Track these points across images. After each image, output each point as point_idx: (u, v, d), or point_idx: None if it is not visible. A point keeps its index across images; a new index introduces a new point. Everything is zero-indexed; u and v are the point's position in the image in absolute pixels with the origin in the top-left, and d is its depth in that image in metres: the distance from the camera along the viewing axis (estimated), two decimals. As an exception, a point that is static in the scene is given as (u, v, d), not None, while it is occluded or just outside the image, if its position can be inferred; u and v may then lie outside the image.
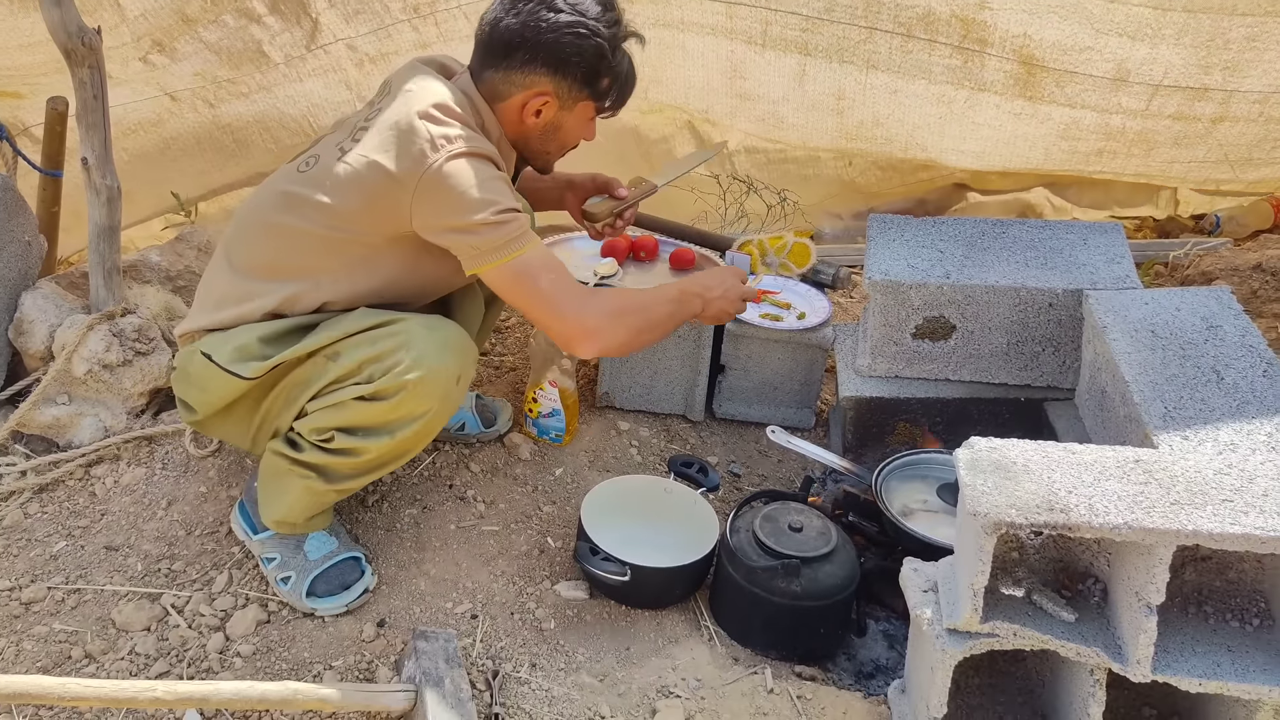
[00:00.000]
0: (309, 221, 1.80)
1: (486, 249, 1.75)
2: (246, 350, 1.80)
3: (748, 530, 1.93)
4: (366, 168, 1.75)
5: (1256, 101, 3.00)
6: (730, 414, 2.55)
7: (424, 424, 1.78)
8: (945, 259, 2.25)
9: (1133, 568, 1.46)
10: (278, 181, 1.90)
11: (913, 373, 2.31)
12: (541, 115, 1.91)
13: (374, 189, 1.75)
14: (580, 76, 1.88)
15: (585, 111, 1.96)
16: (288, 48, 3.04)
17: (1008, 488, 1.47)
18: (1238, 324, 1.96)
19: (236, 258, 1.90)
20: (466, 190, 1.72)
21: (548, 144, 1.99)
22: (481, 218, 1.73)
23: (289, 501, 1.87)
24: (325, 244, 1.81)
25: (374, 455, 1.80)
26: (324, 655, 1.82)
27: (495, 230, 1.74)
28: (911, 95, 3.16)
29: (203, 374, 1.84)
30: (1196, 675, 1.46)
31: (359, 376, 1.75)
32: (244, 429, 1.92)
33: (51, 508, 2.14)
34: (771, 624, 1.89)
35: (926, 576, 1.67)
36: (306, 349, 1.78)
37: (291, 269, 1.84)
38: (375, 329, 1.77)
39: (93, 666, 1.79)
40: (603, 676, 1.82)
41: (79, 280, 2.48)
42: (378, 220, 1.79)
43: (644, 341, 1.93)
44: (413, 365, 1.71)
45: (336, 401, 1.76)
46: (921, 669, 1.64)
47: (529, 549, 2.08)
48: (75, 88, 2.22)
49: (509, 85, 1.88)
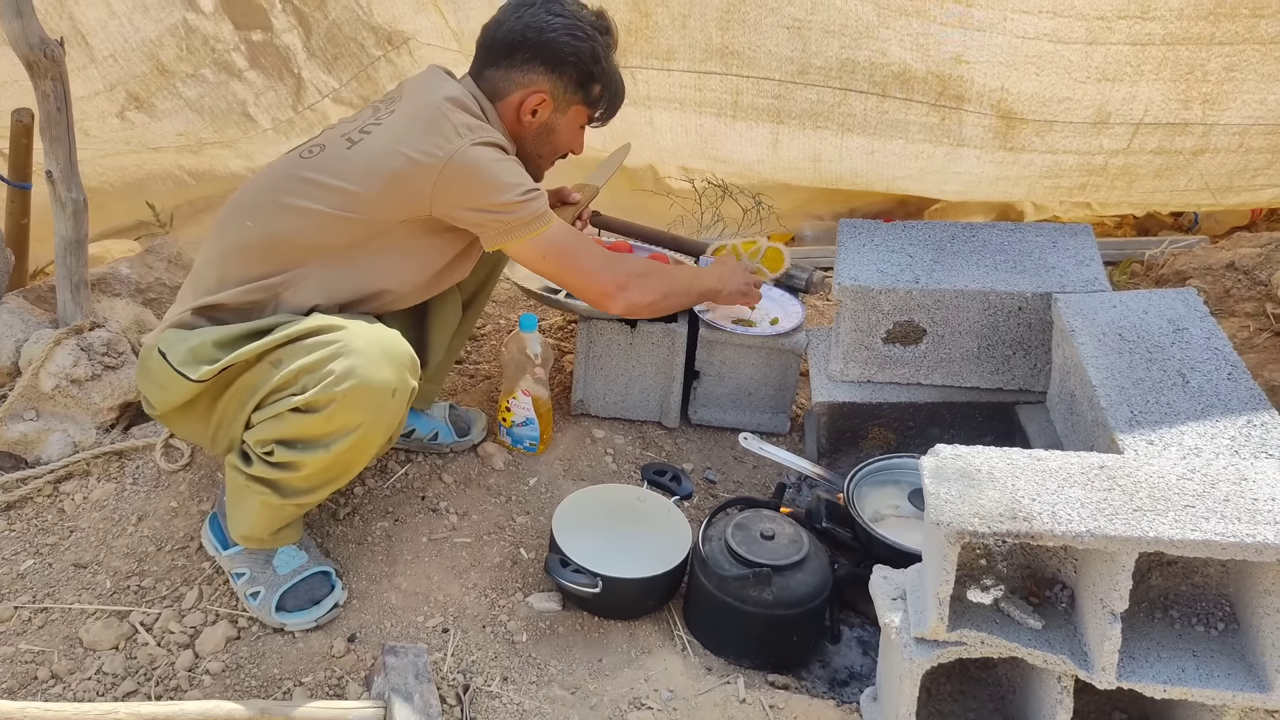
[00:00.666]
0: (317, 202, 1.83)
1: (515, 225, 1.87)
2: (199, 353, 1.78)
3: (720, 539, 1.93)
4: (387, 154, 1.81)
5: (1236, 133, 3.02)
6: (705, 420, 2.55)
7: (358, 437, 1.74)
8: (915, 263, 2.25)
9: (1097, 575, 1.47)
10: (280, 167, 1.93)
11: (885, 377, 2.31)
12: (538, 115, 2.01)
13: (396, 174, 1.81)
14: (575, 78, 1.99)
15: (578, 116, 2.06)
16: (274, 109, 3.03)
17: (971, 496, 1.47)
18: (1204, 326, 1.97)
19: (230, 239, 1.87)
20: (493, 173, 1.84)
21: (540, 147, 2.06)
22: (509, 198, 1.85)
23: (251, 517, 1.86)
24: (332, 223, 1.84)
25: (312, 469, 1.77)
26: (294, 671, 1.81)
27: (523, 208, 1.86)
28: (889, 154, 3.17)
29: (158, 372, 1.82)
30: (1161, 681, 1.46)
31: (294, 387, 1.73)
32: (203, 428, 1.89)
33: (19, 525, 2.12)
34: (744, 633, 1.88)
35: (895, 584, 1.67)
36: (254, 351, 1.77)
37: (286, 248, 1.84)
38: (314, 336, 1.74)
39: (59, 687, 1.78)
40: (575, 689, 1.81)
41: (47, 294, 2.46)
42: (394, 204, 1.84)
43: (669, 305, 2.15)
44: (343, 376, 1.69)
45: (275, 413, 1.74)
46: (891, 677, 1.64)
47: (502, 561, 2.07)
48: (38, 100, 2.20)
49: (508, 84, 1.98)
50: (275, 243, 1.84)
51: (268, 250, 1.84)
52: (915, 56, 2.90)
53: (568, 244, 1.96)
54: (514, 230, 1.88)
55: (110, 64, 2.81)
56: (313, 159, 1.87)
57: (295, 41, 2.95)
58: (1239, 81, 2.87)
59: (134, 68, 2.84)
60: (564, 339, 2.85)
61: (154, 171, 3.24)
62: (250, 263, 1.85)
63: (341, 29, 2.96)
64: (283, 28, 2.92)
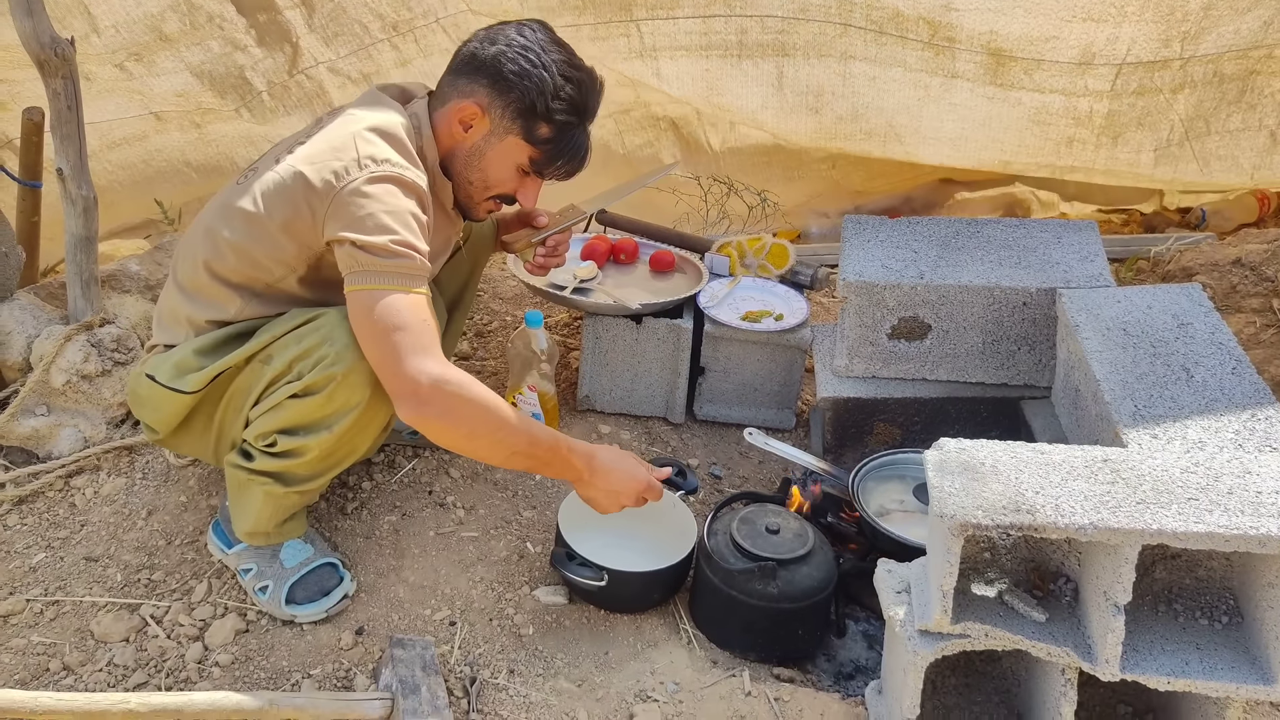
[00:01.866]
0: (238, 234, 1.78)
1: (366, 269, 1.67)
2: (184, 365, 1.81)
3: (725, 533, 1.94)
4: (292, 177, 1.73)
5: (1210, 62, 3.12)
6: (711, 416, 2.56)
7: (360, 414, 1.76)
8: (919, 259, 2.26)
9: (1101, 567, 1.47)
10: (220, 195, 1.90)
11: (890, 373, 2.31)
12: (470, 131, 1.88)
13: (295, 200, 1.73)
14: (516, 102, 1.84)
15: (514, 151, 1.89)
16: (269, 73, 3.05)
17: (975, 489, 1.47)
18: (1208, 321, 1.97)
19: (179, 272, 1.90)
20: (375, 211, 1.68)
21: (470, 171, 1.92)
22: (377, 240, 1.66)
23: (255, 511, 1.88)
24: (252, 259, 1.79)
25: (317, 453, 1.79)
26: (302, 663, 1.82)
27: (385, 257, 1.67)
28: (889, 80, 3.21)
29: (151, 395, 1.86)
30: (1165, 674, 1.46)
31: (289, 375, 1.75)
32: (204, 442, 1.92)
33: (31, 519, 2.14)
34: (749, 626, 1.89)
35: (900, 577, 1.68)
36: (242, 356, 1.79)
37: (226, 282, 1.83)
38: (301, 326, 1.76)
39: (71, 678, 1.79)
40: (581, 682, 1.82)
41: (58, 291, 2.48)
42: (293, 235, 1.75)
43: (474, 446, 1.74)
44: (338, 357, 1.70)
45: (274, 404, 1.77)
46: (896, 670, 1.65)
47: (508, 554, 2.08)
48: (49, 99, 2.22)
49: (452, 90, 1.88)
50: (216, 275, 1.83)
51: (211, 283, 1.84)
52: (906, 3, 2.99)
53: (400, 319, 1.65)
54: (364, 275, 1.67)
55: (112, 34, 2.84)
56: (244, 183, 1.83)
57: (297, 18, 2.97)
58: (1216, 18, 2.99)
59: (137, 36, 2.87)
60: (570, 335, 2.87)
61: (160, 169, 3.27)
62: (194, 292, 1.86)
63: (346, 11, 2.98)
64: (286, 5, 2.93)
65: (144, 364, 1.89)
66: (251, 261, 1.80)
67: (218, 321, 1.85)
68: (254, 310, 1.84)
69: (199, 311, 1.85)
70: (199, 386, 1.80)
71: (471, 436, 1.72)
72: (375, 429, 1.83)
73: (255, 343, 1.79)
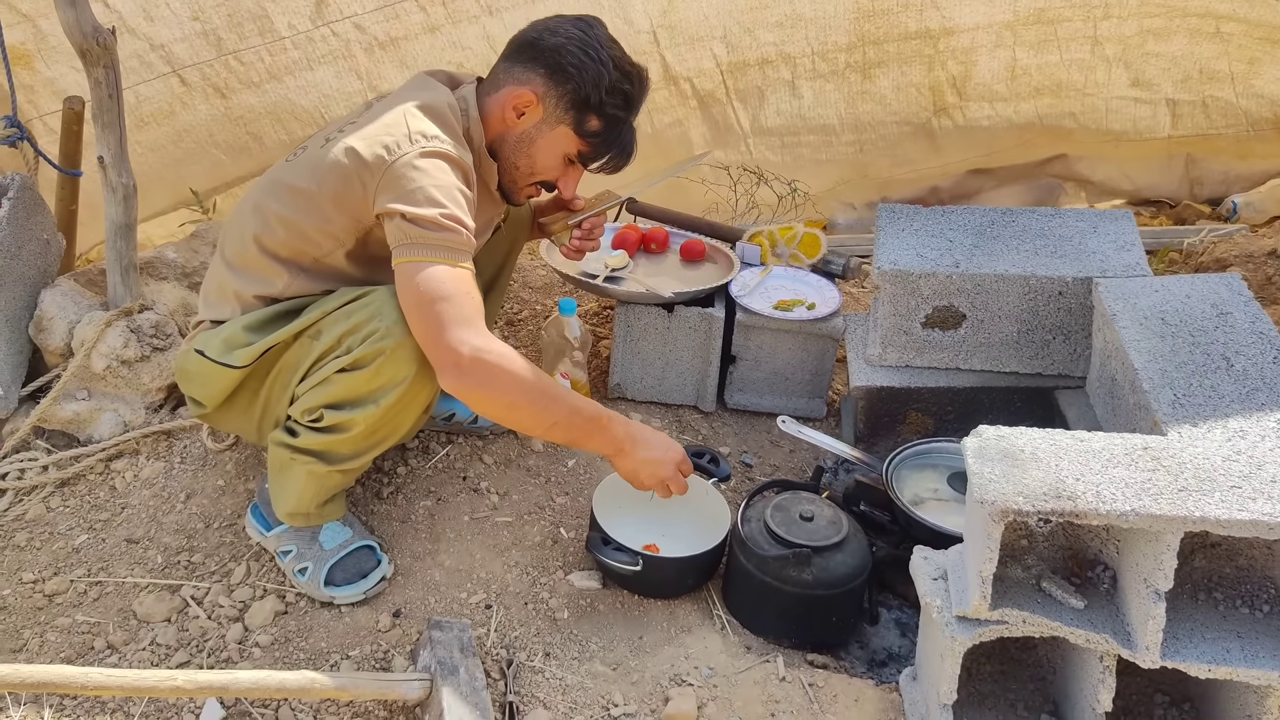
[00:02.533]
0: (287, 208, 1.84)
1: (414, 241, 1.71)
2: (233, 340, 1.85)
3: (759, 520, 1.95)
4: (344, 153, 1.77)
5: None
6: (742, 404, 2.56)
7: (406, 389, 1.78)
8: (954, 248, 2.25)
9: (1141, 555, 1.47)
10: (269, 172, 1.95)
11: (923, 362, 2.31)
12: (523, 118, 1.92)
13: (347, 174, 1.77)
14: (571, 94, 1.89)
15: (563, 141, 1.94)
16: (292, 14, 3.03)
17: (1015, 475, 1.47)
18: (1248, 311, 1.96)
19: (227, 249, 1.94)
20: (424, 185, 1.72)
21: (518, 156, 1.96)
22: (426, 213, 1.70)
23: (297, 491, 1.90)
24: (302, 233, 1.84)
25: (363, 427, 1.81)
26: (341, 645, 1.84)
27: (433, 230, 1.70)
28: None
29: (200, 370, 1.89)
30: (1205, 661, 1.46)
31: (338, 350, 1.78)
32: (249, 419, 1.96)
33: (73, 501, 2.17)
34: (783, 613, 1.90)
35: (936, 565, 1.68)
36: (291, 331, 1.82)
37: (275, 257, 1.87)
38: (351, 303, 1.80)
39: (115, 657, 1.82)
40: (616, 665, 1.84)
41: (97, 277, 2.51)
42: (344, 208, 1.80)
43: (515, 417, 1.79)
44: (387, 332, 1.73)
45: (321, 379, 1.79)
46: (932, 656, 1.65)
47: (542, 540, 2.10)
48: (90, 87, 2.24)
49: (507, 77, 1.93)
50: (265, 250, 1.87)
51: (260, 258, 1.87)
52: None
53: (444, 291, 1.69)
54: (412, 246, 1.71)
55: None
56: (294, 161, 1.89)
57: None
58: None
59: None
60: (601, 324, 2.88)
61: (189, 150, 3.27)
62: (244, 269, 1.89)
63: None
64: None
65: (192, 340, 1.93)
66: (300, 235, 1.84)
67: (265, 297, 1.88)
68: (301, 285, 1.87)
69: (247, 286, 1.88)
70: (248, 361, 1.84)
71: (512, 407, 1.75)
72: (419, 406, 1.85)
73: (305, 319, 1.82)
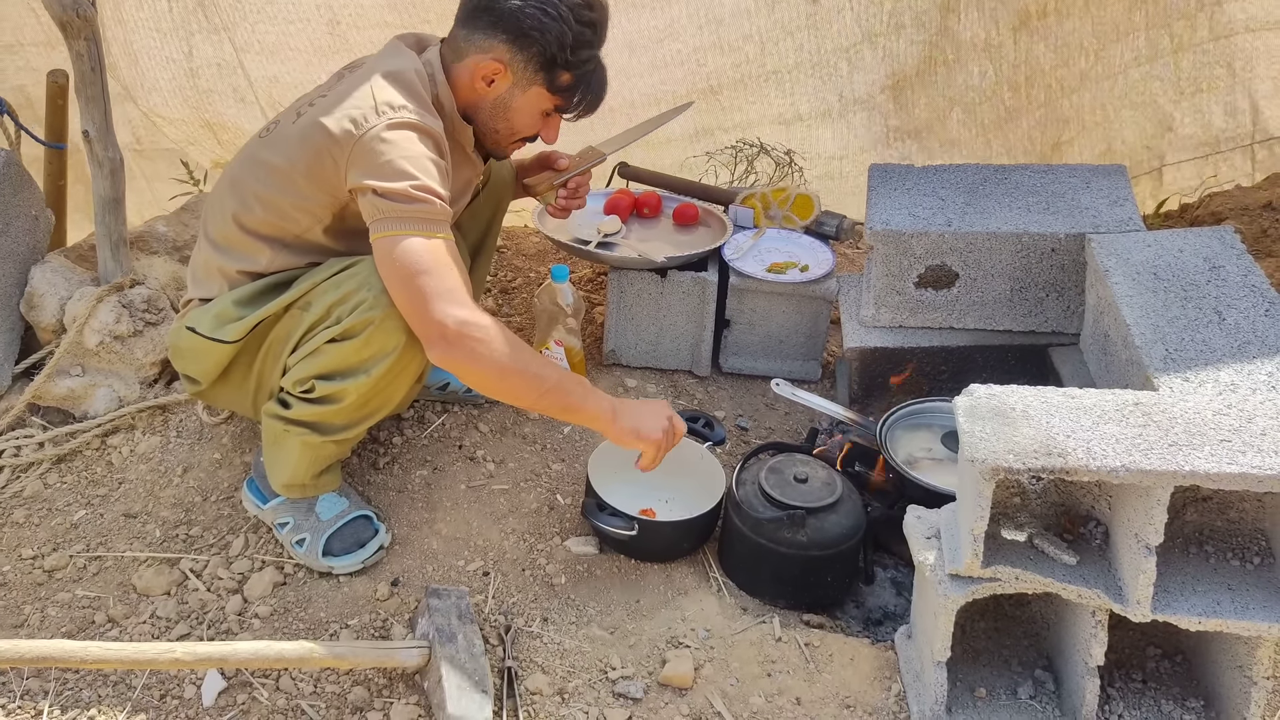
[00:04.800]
0: (264, 185, 1.83)
1: (387, 216, 1.70)
2: (224, 315, 1.86)
3: (754, 482, 1.95)
4: (313, 128, 1.76)
5: None
6: (736, 368, 2.56)
7: (396, 359, 1.78)
8: (947, 207, 2.24)
9: (1132, 510, 1.47)
10: (245, 148, 1.94)
11: (917, 322, 2.30)
12: (493, 86, 1.90)
13: (318, 150, 1.76)
14: (538, 57, 1.86)
15: (539, 100, 1.92)
16: None
17: (1006, 433, 1.47)
18: (1240, 264, 1.95)
19: (210, 227, 1.94)
20: (394, 158, 1.70)
21: (496, 120, 1.95)
22: (397, 186, 1.69)
23: (292, 462, 1.91)
24: (280, 211, 1.83)
25: (355, 397, 1.82)
26: (339, 614, 1.86)
27: (406, 203, 1.69)
28: None
29: (193, 347, 1.90)
30: (1196, 614, 1.47)
31: (328, 320, 1.78)
32: (243, 394, 1.96)
33: (70, 477, 2.18)
34: (778, 574, 1.91)
35: (929, 524, 1.69)
36: (281, 304, 1.83)
37: (257, 234, 1.87)
38: (339, 273, 1.80)
39: (115, 630, 1.84)
40: (613, 629, 1.85)
41: (88, 253, 2.50)
42: (318, 184, 1.79)
43: (506, 388, 1.76)
44: (375, 301, 1.74)
45: (312, 350, 1.80)
46: (926, 614, 1.67)
47: (539, 506, 2.11)
48: (73, 60, 2.22)
49: (470, 45, 1.89)
50: (246, 228, 1.87)
51: (242, 236, 1.87)
52: None
53: (423, 264, 1.68)
54: (387, 221, 1.70)
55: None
56: (268, 137, 1.88)
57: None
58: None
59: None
60: (595, 290, 2.87)
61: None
62: (227, 246, 1.89)
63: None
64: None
65: (183, 318, 1.93)
66: (279, 213, 1.84)
67: (250, 273, 1.88)
68: (284, 261, 1.87)
69: (231, 263, 1.88)
70: (239, 336, 1.84)
71: (502, 377, 1.73)
72: (410, 376, 1.86)
73: (294, 291, 1.82)
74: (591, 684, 1.73)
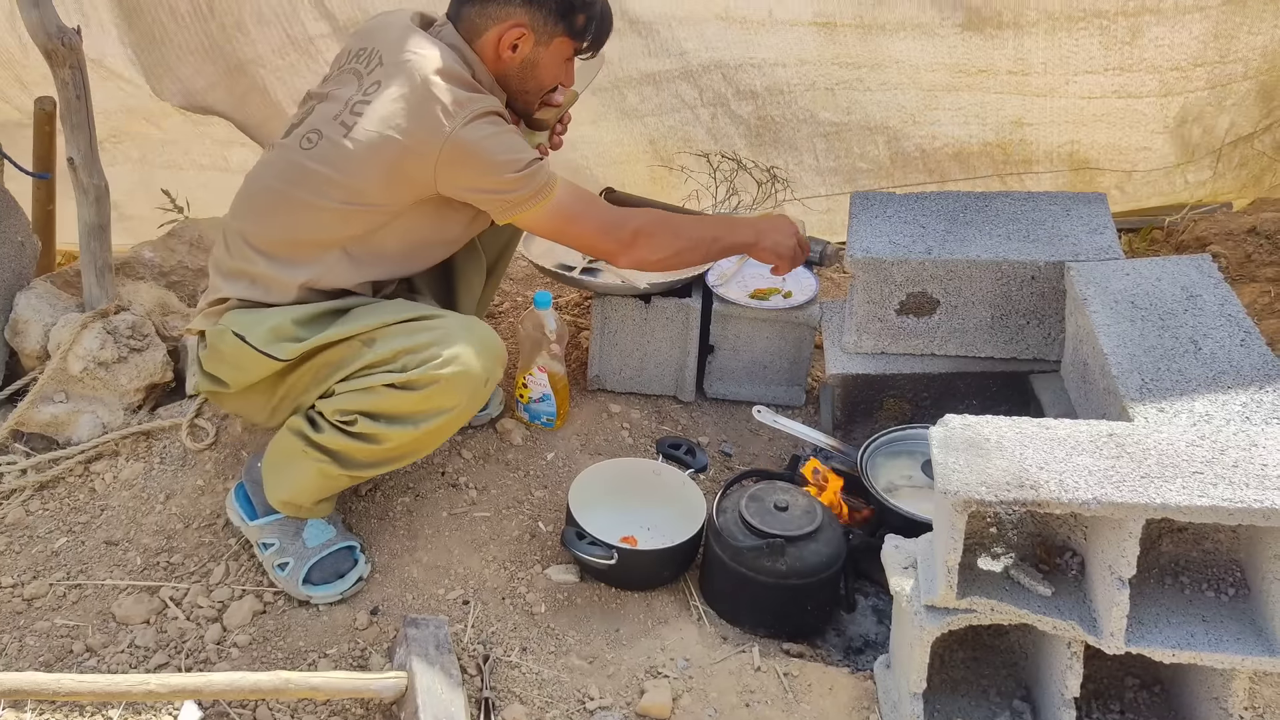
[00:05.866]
0: (324, 197, 1.85)
1: (519, 201, 1.86)
2: (281, 331, 1.84)
3: (734, 510, 1.95)
4: (382, 142, 1.79)
5: None
6: (721, 394, 2.57)
7: (448, 419, 1.83)
8: (927, 234, 2.25)
9: (1106, 541, 1.48)
10: (285, 154, 1.92)
11: (899, 348, 2.31)
12: (518, 50, 1.95)
13: (392, 162, 1.80)
14: (555, 8, 1.92)
15: (562, 49, 1.99)
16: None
17: (979, 465, 1.48)
18: (1217, 293, 1.96)
19: (253, 232, 1.92)
20: (490, 152, 1.81)
21: (526, 82, 2.00)
22: (509, 176, 1.83)
23: (300, 483, 1.90)
24: (343, 217, 1.86)
25: (394, 444, 1.83)
26: (318, 643, 1.85)
27: (525, 183, 1.84)
28: None
29: (236, 354, 1.88)
30: (1170, 646, 1.47)
31: (393, 365, 1.79)
32: (264, 403, 1.95)
33: (53, 504, 2.18)
34: (758, 603, 1.91)
35: (907, 553, 1.69)
36: (343, 334, 1.83)
37: (312, 243, 1.88)
38: (413, 321, 1.82)
39: (94, 660, 1.83)
40: (592, 658, 1.85)
41: (73, 279, 2.51)
42: (398, 190, 1.85)
43: (684, 260, 2.06)
44: (449, 361, 1.77)
45: (367, 385, 1.80)
46: (903, 645, 1.67)
47: (520, 534, 2.11)
48: (58, 88, 2.23)
49: (485, 19, 1.92)
50: (299, 240, 1.88)
51: (294, 246, 1.89)
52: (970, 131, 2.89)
53: (572, 209, 1.92)
54: (519, 205, 1.87)
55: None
56: (313, 149, 1.86)
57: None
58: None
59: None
60: (579, 315, 2.88)
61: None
62: (282, 256, 1.89)
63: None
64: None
65: (226, 320, 1.90)
66: (344, 220, 1.86)
67: (308, 286, 1.88)
68: (342, 271, 1.89)
69: (283, 272, 1.88)
70: (294, 356, 1.84)
71: (679, 254, 2.03)
72: (450, 433, 1.92)
73: (359, 324, 1.83)
74: (569, 714, 1.73)
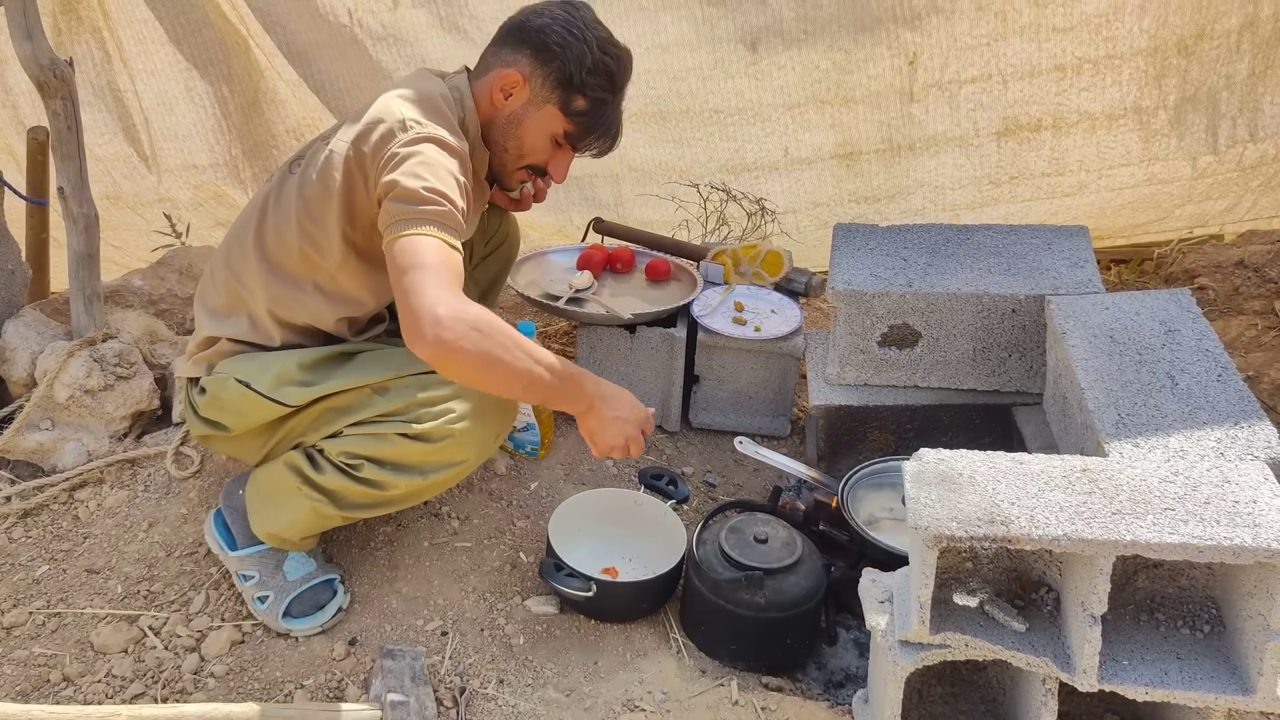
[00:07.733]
0: (289, 221, 1.86)
1: (398, 218, 1.68)
2: (286, 377, 1.85)
3: (714, 542, 1.95)
4: (341, 149, 1.81)
5: None
6: (706, 424, 2.57)
7: (455, 472, 1.84)
8: (909, 267, 2.26)
9: (1079, 578, 1.48)
10: (272, 183, 1.96)
11: (881, 380, 2.32)
12: (511, 100, 1.94)
13: (347, 168, 1.80)
14: (557, 72, 1.91)
15: (551, 121, 1.95)
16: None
17: (951, 500, 1.48)
18: (1195, 328, 1.96)
19: (234, 263, 1.94)
20: (417, 167, 1.72)
21: (506, 139, 1.98)
22: (410, 185, 1.69)
23: (291, 519, 1.90)
24: (314, 245, 1.86)
25: (398, 492, 1.83)
26: (295, 674, 1.85)
27: (415, 204, 1.68)
28: None
29: (239, 400, 1.88)
30: (1143, 684, 1.46)
31: (407, 415, 1.79)
32: (260, 444, 1.95)
33: (36, 532, 2.18)
34: (738, 635, 1.90)
35: (884, 587, 1.68)
36: (355, 383, 1.83)
37: (277, 273, 1.89)
38: (428, 374, 1.81)
39: (70, 689, 1.83)
40: (569, 691, 1.84)
41: (63, 307, 2.52)
42: (347, 204, 1.82)
43: (494, 378, 1.67)
44: (463, 416, 1.78)
45: (378, 433, 1.80)
46: (879, 679, 1.66)
47: (501, 565, 2.10)
48: (49, 119, 2.26)
49: (495, 60, 1.96)
50: (273, 270, 1.89)
51: (264, 274, 1.89)
52: None
53: (420, 260, 1.65)
54: (396, 224, 1.69)
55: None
56: (297, 174, 1.90)
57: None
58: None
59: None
60: (566, 345, 2.88)
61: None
62: (257, 282, 1.90)
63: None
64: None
65: (224, 367, 1.90)
66: (314, 245, 1.86)
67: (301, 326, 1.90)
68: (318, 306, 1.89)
69: (279, 308, 1.89)
70: (302, 402, 1.84)
71: (490, 366, 1.64)
72: (454, 484, 1.92)
73: (371, 374, 1.84)
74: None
